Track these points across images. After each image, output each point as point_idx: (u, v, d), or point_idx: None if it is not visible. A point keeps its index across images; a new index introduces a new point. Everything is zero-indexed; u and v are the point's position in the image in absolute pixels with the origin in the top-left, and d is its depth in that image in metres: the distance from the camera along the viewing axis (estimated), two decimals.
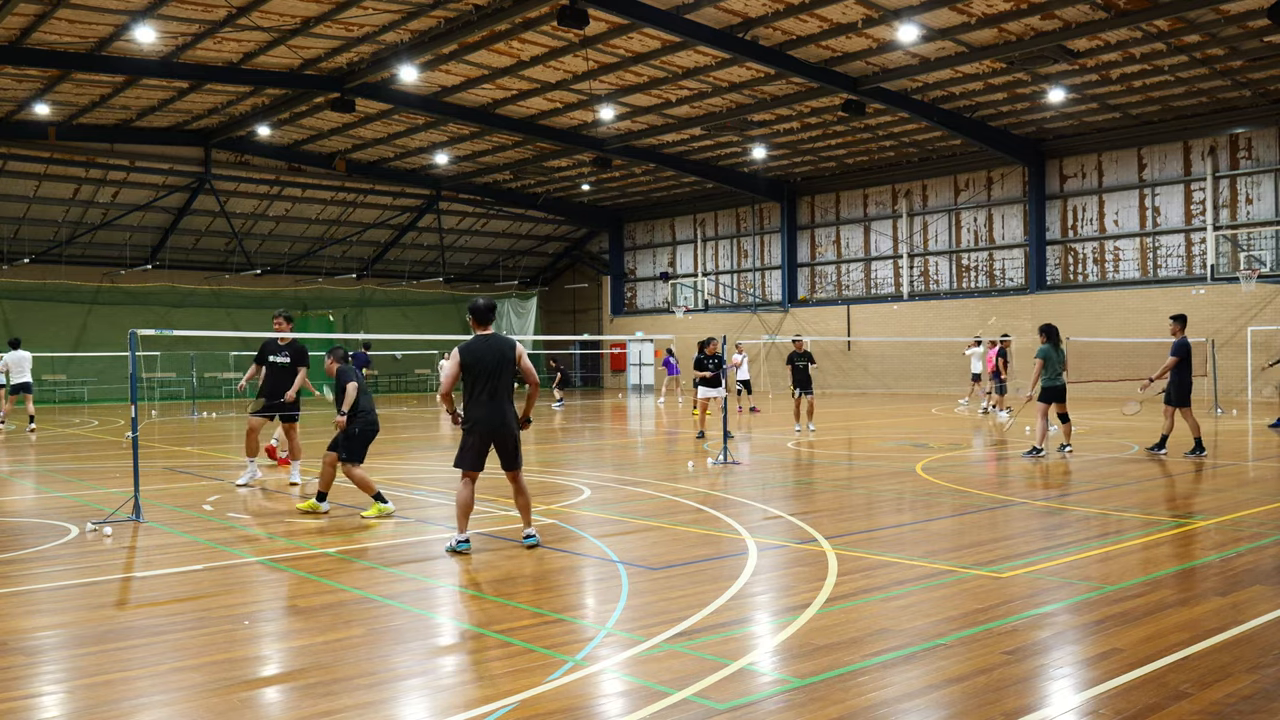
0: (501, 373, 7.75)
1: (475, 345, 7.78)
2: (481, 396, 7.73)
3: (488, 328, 7.93)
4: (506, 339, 7.89)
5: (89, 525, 9.14)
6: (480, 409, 7.74)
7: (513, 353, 7.81)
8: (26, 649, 5.56)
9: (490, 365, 7.71)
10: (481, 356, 7.71)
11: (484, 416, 7.74)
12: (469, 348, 7.78)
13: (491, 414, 7.74)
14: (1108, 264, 31.72)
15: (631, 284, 46.67)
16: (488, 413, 7.74)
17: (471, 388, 7.75)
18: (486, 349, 7.75)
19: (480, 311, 7.93)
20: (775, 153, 34.54)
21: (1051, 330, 14.67)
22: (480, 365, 7.70)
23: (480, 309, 7.94)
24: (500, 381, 7.75)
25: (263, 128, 31.05)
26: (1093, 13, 21.31)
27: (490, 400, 7.73)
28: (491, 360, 7.71)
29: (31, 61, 24.02)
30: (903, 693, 4.67)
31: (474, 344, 7.80)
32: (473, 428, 7.79)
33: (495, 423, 7.76)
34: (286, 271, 41.98)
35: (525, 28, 22.60)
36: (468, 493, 7.86)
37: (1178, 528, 8.74)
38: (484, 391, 7.72)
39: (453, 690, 4.85)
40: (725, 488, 11.57)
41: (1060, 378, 14.46)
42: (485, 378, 7.71)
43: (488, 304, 7.97)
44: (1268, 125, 28.32)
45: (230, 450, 17.07)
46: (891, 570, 7.15)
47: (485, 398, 7.73)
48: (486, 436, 7.80)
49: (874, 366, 36.40)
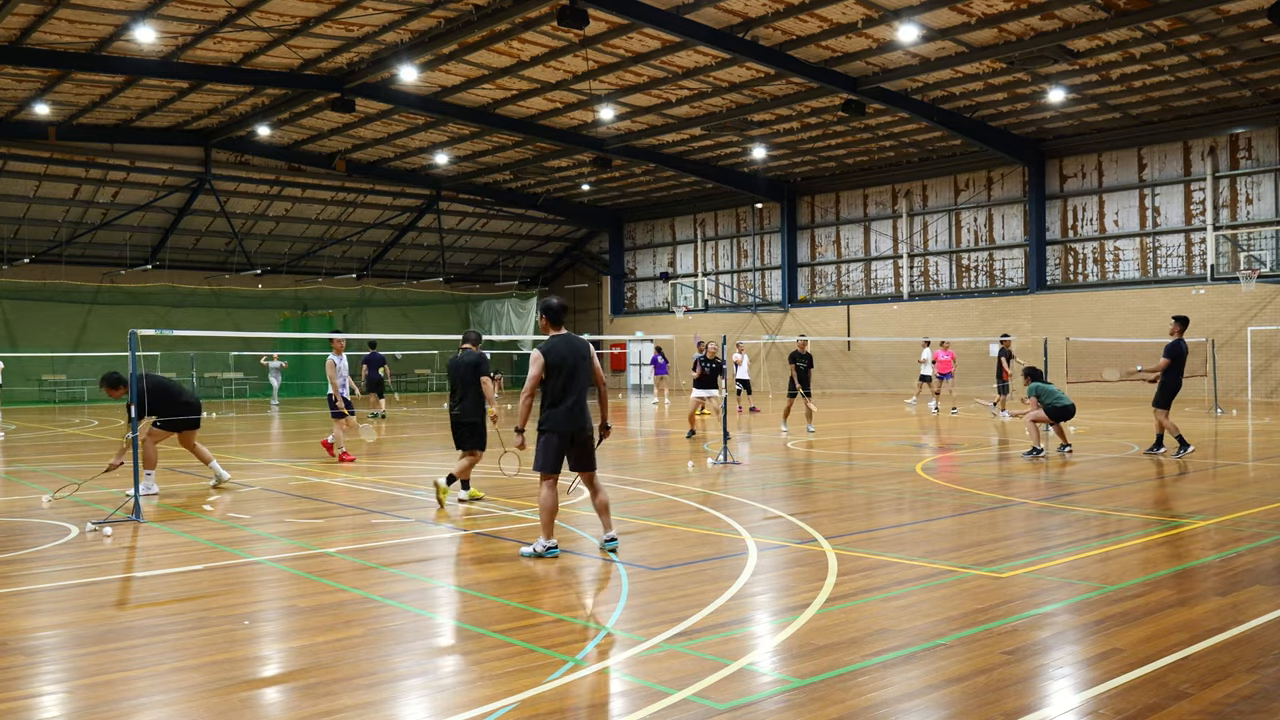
0: (580, 372, 7.68)
1: (556, 344, 7.69)
2: (561, 397, 7.63)
3: (561, 327, 7.88)
4: (582, 339, 7.83)
5: (89, 525, 9.15)
6: (560, 410, 7.63)
7: (590, 352, 7.77)
8: (26, 649, 5.56)
9: (570, 364, 7.64)
10: (564, 356, 7.64)
11: (564, 417, 7.63)
12: (551, 347, 7.67)
13: (572, 414, 7.65)
14: (1108, 264, 31.73)
15: (631, 284, 46.67)
16: (568, 413, 7.64)
17: (551, 388, 7.64)
18: (567, 348, 7.68)
19: (554, 311, 7.87)
20: (775, 153, 34.54)
21: (1034, 372, 14.92)
22: (562, 365, 7.61)
23: (555, 309, 7.88)
24: (579, 381, 7.67)
25: (263, 128, 31.05)
26: (1093, 13, 21.31)
27: (570, 400, 7.64)
28: (571, 359, 7.65)
29: (31, 61, 24.02)
30: (903, 693, 4.67)
31: (554, 343, 7.71)
32: (552, 428, 7.66)
33: (576, 423, 7.66)
34: (286, 271, 41.99)
35: (525, 28, 22.60)
36: (553, 497, 7.71)
37: (1178, 528, 8.74)
38: (564, 391, 7.62)
39: (453, 690, 4.85)
40: (725, 488, 11.57)
41: (1063, 399, 14.40)
42: (565, 377, 7.63)
43: (561, 304, 7.95)
44: (1268, 125, 28.32)
45: (230, 450, 17.08)
46: (891, 570, 7.15)
47: (565, 398, 7.63)
48: (566, 436, 7.68)
49: (874, 366, 36.40)
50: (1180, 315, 15.04)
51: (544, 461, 7.66)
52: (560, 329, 7.86)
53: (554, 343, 7.70)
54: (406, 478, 13.13)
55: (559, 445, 7.66)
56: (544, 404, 7.70)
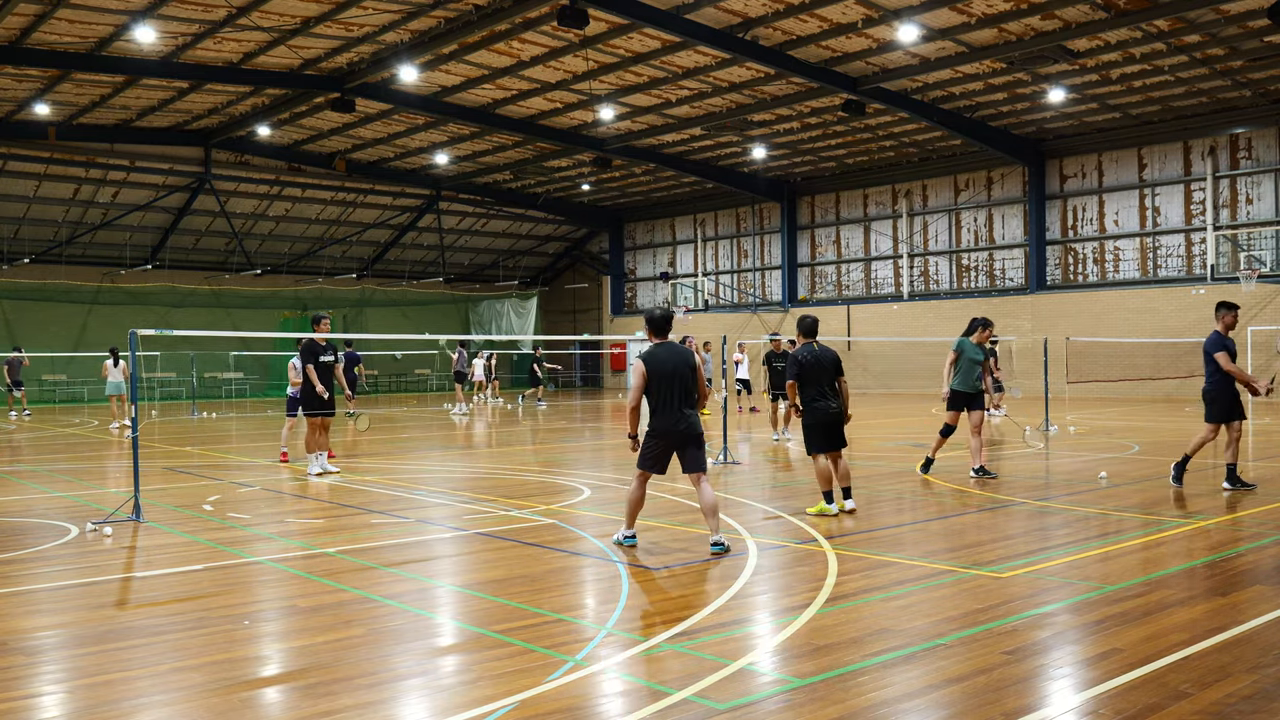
0: (682, 379, 7.91)
1: (657, 353, 7.97)
2: (665, 402, 7.89)
3: (665, 337, 8.12)
4: (685, 348, 8.08)
5: (89, 525, 9.15)
6: (664, 415, 7.90)
7: (693, 360, 8.00)
8: (26, 649, 5.56)
9: (670, 371, 7.88)
10: (664, 363, 7.89)
11: (668, 423, 7.89)
12: (652, 355, 7.96)
13: (675, 420, 7.89)
14: (1108, 264, 31.73)
15: (631, 284, 46.67)
16: (672, 419, 7.89)
17: (655, 394, 7.92)
18: (668, 356, 7.93)
19: (658, 322, 8.11)
20: (775, 153, 34.54)
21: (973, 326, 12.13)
22: (663, 371, 7.87)
23: (657, 320, 8.12)
24: (681, 387, 7.90)
25: (263, 128, 31.05)
26: (1093, 13, 21.31)
27: (672, 406, 7.89)
28: (672, 366, 7.89)
29: (31, 61, 24.03)
30: (903, 693, 4.67)
31: (656, 351, 7.99)
32: (656, 433, 7.95)
33: (678, 428, 7.90)
34: (286, 271, 42.00)
35: (525, 28, 22.60)
36: (640, 491, 8.06)
37: (1178, 528, 8.74)
38: (666, 397, 7.88)
39: (453, 690, 4.85)
40: (725, 488, 11.57)
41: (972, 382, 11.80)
42: (667, 383, 7.87)
43: (664, 314, 8.17)
44: (1268, 125, 28.32)
45: (230, 450, 17.08)
46: (891, 570, 7.15)
47: (668, 404, 7.89)
48: (669, 441, 7.95)
49: (874, 366, 36.40)
50: None
51: (643, 460, 8.00)
52: (664, 338, 8.09)
53: (656, 350, 8.00)
54: (406, 478, 13.13)
55: (660, 448, 7.96)
56: (650, 409, 8.02)
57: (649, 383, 7.91)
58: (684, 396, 7.91)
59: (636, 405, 8.01)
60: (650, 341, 8.12)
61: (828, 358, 9.63)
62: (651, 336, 8.13)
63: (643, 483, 8.07)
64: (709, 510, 7.91)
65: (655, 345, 8.05)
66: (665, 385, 7.85)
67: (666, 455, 8.00)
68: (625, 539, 8.10)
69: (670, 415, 7.87)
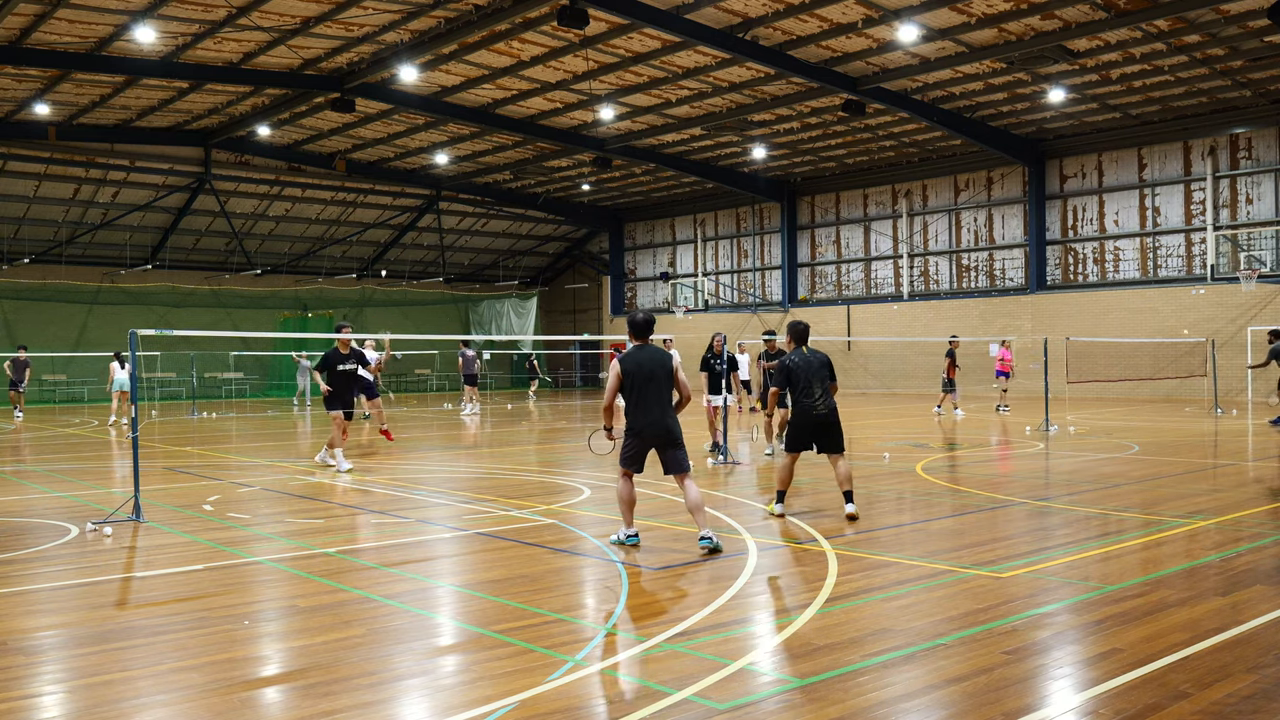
0: (657, 382, 8.03)
1: (634, 354, 8.10)
2: (641, 403, 8.02)
3: (646, 340, 8.24)
4: (665, 351, 8.21)
5: (89, 525, 9.15)
6: (640, 415, 8.03)
7: (671, 363, 8.11)
8: (26, 649, 5.56)
9: (647, 374, 8.00)
10: (641, 364, 8.03)
11: (644, 422, 8.02)
12: (629, 356, 8.09)
13: (651, 420, 8.02)
14: (1108, 264, 31.72)
15: (631, 284, 46.66)
16: (647, 419, 8.02)
17: (631, 395, 8.04)
18: (645, 357, 8.08)
19: (639, 325, 8.23)
20: (775, 153, 34.54)
21: None
22: (639, 372, 8.00)
23: (639, 323, 8.24)
24: (657, 390, 8.04)
25: (263, 128, 31.05)
26: (1093, 13, 21.31)
27: (648, 407, 8.02)
28: (649, 369, 8.02)
29: (31, 61, 24.02)
30: (903, 693, 4.67)
31: (633, 353, 8.12)
32: (632, 432, 8.08)
33: (655, 429, 8.02)
34: (286, 271, 41.99)
35: (525, 28, 22.60)
36: (628, 488, 8.19)
37: (1178, 528, 8.74)
38: (642, 398, 8.02)
39: (453, 690, 4.85)
40: (725, 488, 11.57)
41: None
42: (643, 385, 8.00)
43: (646, 318, 8.29)
44: (1268, 125, 28.32)
45: (230, 450, 17.08)
46: (891, 570, 7.15)
47: (644, 404, 8.02)
48: (647, 440, 8.07)
49: (874, 366, 36.41)
50: None
51: (621, 457, 8.16)
52: (645, 341, 8.21)
53: (633, 352, 8.14)
54: (406, 478, 13.13)
55: (638, 447, 8.09)
56: (626, 410, 8.14)
57: (625, 384, 8.05)
58: (660, 399, 8.04)
59: (609, 405, 8.26)
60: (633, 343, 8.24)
61: (818, 361, 9.63)
62: (633, 339, 8.23)
63: (629, 480, 8.20)
64: (694, 507, 8.02)
65: (635, 348, 8.18)
66: (641, 388, 7.99)
67: (643, 454, 8.13)
68: (627, 538, 8.15)
69: (645, 416, 8.01)
